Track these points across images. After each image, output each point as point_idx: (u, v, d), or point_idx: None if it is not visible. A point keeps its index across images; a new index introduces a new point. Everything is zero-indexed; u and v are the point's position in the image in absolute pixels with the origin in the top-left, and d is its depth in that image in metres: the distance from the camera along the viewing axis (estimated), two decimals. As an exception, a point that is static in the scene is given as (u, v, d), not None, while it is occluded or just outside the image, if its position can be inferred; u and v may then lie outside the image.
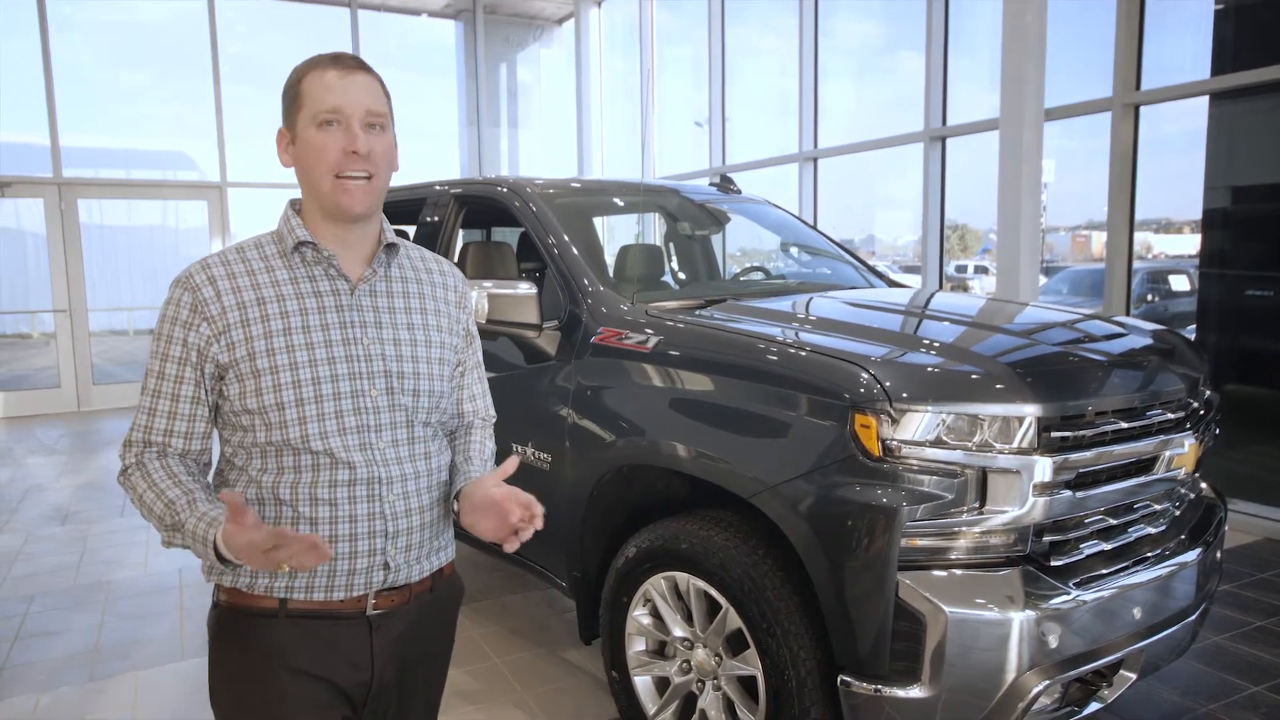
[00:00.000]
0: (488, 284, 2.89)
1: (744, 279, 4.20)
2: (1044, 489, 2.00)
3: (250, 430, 1.37)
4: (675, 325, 2.61)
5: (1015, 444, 2.00)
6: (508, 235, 4.98)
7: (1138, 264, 5.62)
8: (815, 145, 8.08)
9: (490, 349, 2.92)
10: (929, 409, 1.99)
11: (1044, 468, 1.99)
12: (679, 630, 2.45)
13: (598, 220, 4.29)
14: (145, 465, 1.38)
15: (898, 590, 1.94)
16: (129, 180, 9.70)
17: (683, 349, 2.50)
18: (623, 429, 2.59)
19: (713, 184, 4.28)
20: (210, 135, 9.57)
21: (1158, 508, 2.37)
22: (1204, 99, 5.28)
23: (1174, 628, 2.25)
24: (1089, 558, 2.15)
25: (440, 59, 11.79)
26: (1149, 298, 6.77)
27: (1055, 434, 2.03)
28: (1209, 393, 2.60)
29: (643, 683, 2.58)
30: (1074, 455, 2.05)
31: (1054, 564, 2.07)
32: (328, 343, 1.39)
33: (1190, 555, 2.32)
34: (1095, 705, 2.19)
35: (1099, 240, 6.16)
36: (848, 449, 2.01)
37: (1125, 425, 2.18)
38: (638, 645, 2.59)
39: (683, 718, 2.51)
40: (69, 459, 6.94)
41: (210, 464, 1.47)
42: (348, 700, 1.44)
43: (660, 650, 2.57)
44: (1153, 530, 2.34)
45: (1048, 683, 1.97)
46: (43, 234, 8.92)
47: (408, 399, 1.45)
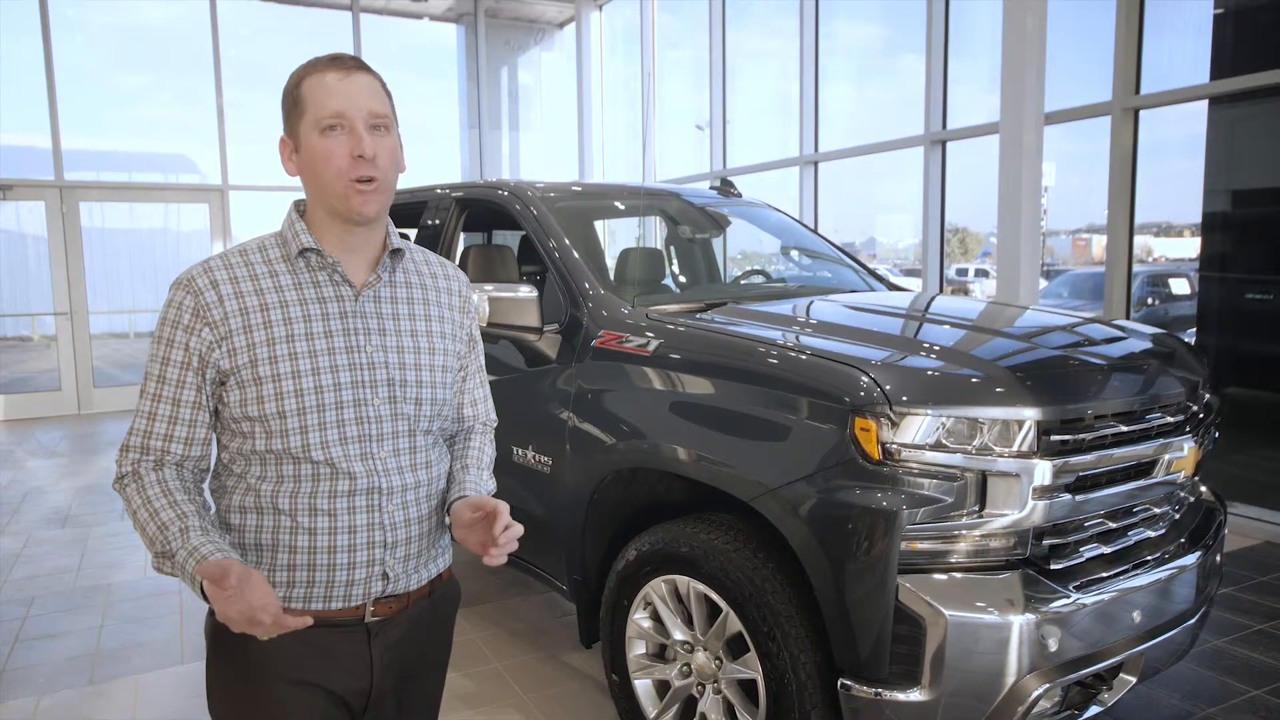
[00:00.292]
0: (489, 287, 2.89)
1: (744, 282, 4.21)
2: (1044, 492, 2.00)
3: (250, 437, 1.36)
4: (676, 329, 2.61)
5: (1015, 447, 2.00)
6: (509, 238, 4.98)
7: (1138, 267, 5.62)
8: (816, 148, 8.09)
9: (491, 352, 2.93)
10: (929, 412, 1.99)
11: (1044, 471, 1.99)
12: (679, 633, 2.45)
13: (599, 224, 4.30)
14: (141, 477, 1.35)
15: (898, 593, 1.95)
16: (130, 183, 9.71)
17: (683, 352, 2.51)
18: (623, 432, 2.59)
19: (713, 187, 4.28)
20: (212, 138, 9.58)
21: (1157, 511, 2.37)
22: (1203, 103, 5.29)
23: (1174, 631, 2.25)
24: (1089, 561, 2.15)
25: (442, 62, 11.82)
26: (1149, 301, 6.77)
27: (1055, 437, 2.04)
28: (1209, 396, 2.60)
29: (643, 686, 2.58)
30: (1074, 459, 2.05)
31: (1054, 567, 2.07)
32: (330, 350, 1.37)
33: (1190, 558, 2.32)
34: (1095, 709, 2.19)
35: (1099, 244, 6.16)
36: (848, 452, 2.01)
37: (1125, 429, 2.18)
38: (638, 648, 2.59)
39: (683, 721, 2.51)
40: (69, 462, 6.95)
41: (209, 470, 1.45)
42: (346, 708, 1.43)
43: (660, 653, 2.57)
44: (1152, 534, 2.34)
45: (1048, 686, 1.97)
46: (44, 237, 8.92)
47: (410, 408, 1.43)
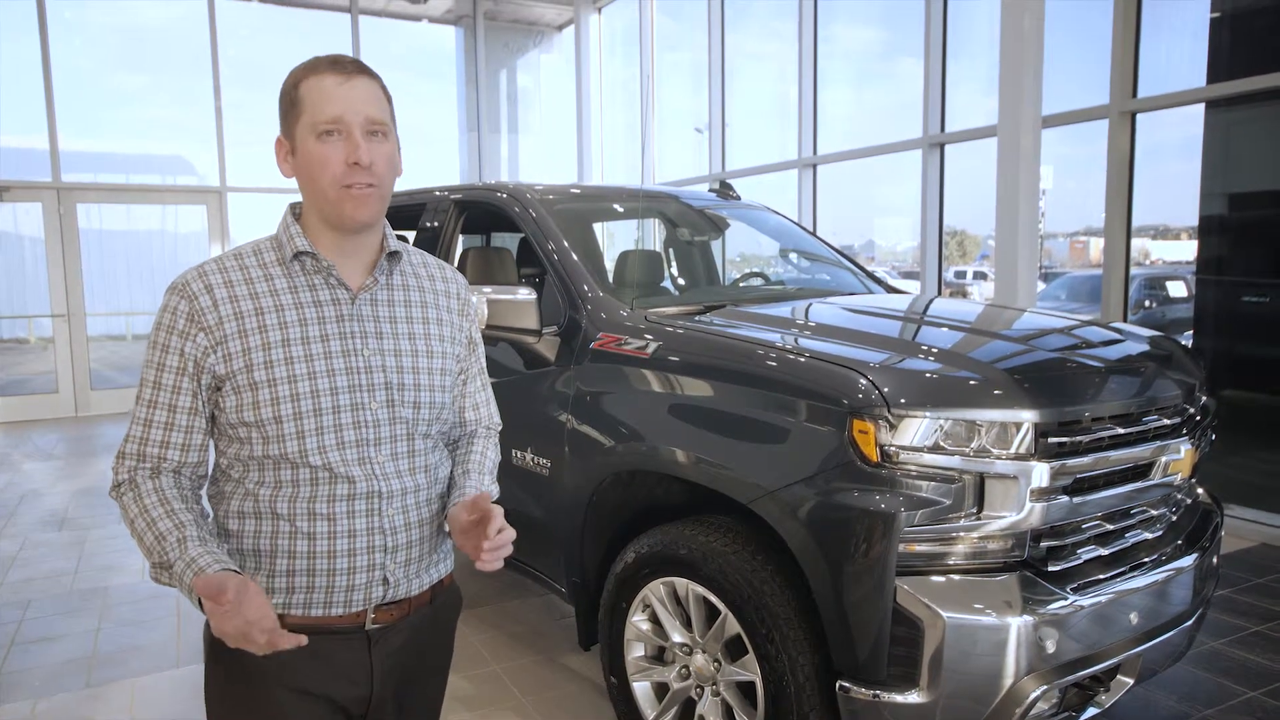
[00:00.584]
0: (487, 289, 2.89)
1: (743, 285, 4.21)
2: (1041, 494, 2.00)
3: (247, 443, 1.35)
4: (674, 331, 2.62)
5: (1013, 450, 2.01)
6: (507, 241, 4.98)
7: (1135, 270, 5.63)
8: (815, 151, 8.10)
9: (490, 354, 2.92)
10: (927, 414, 1.99)
11: (1041, 473, 2.00)
12: (678, 636, 2.45)
13: (597, 226, 4.31)
14: (138, 485, 1.33)
15: (896, 595, 1.95)
16: (128, 185, 9.71)
17: (682, 355, 2.51)
18: (622, 434, 2.59)
19: (712, 190, 4.28)
20: (210, 140, 9.57)
21: (1155, 513, 2.37)
22: (1200, 106, 5.31)
23: (1171, 633, 2.26)
24: (1086, 563, 2.16)
25: (441, 64, 11.83)
26: (1146, 304, 6.79)
27: (1052, 440, 2.04)
28: (1205, 398, 2.60)
29: (641, 688, 2.58)
30: (1071, 461, 2.06)
31: (1051, 569, 2.08)
32: (327, 354, 1.36)
33: (1187, 560, 2.33)
34: (1093, 710, 2.19)
35: (1096, 246, 6.18)
36: (846, 455, 2.01)
37: (1122, 431, 2.18)
38: (636, 651, 2.59)
39: (681, 723, 2.51)
40: (66, 464, 6.93)
41: (206, 476, 1.43)
42: (346, 715, 1.43)
43: (659, 656, 2.57)
44: (1150, 536, 2.35)
45: (1045, 688, 1.97)
46: (41, 238, 8.91)
47: (408, 411, 1.42)
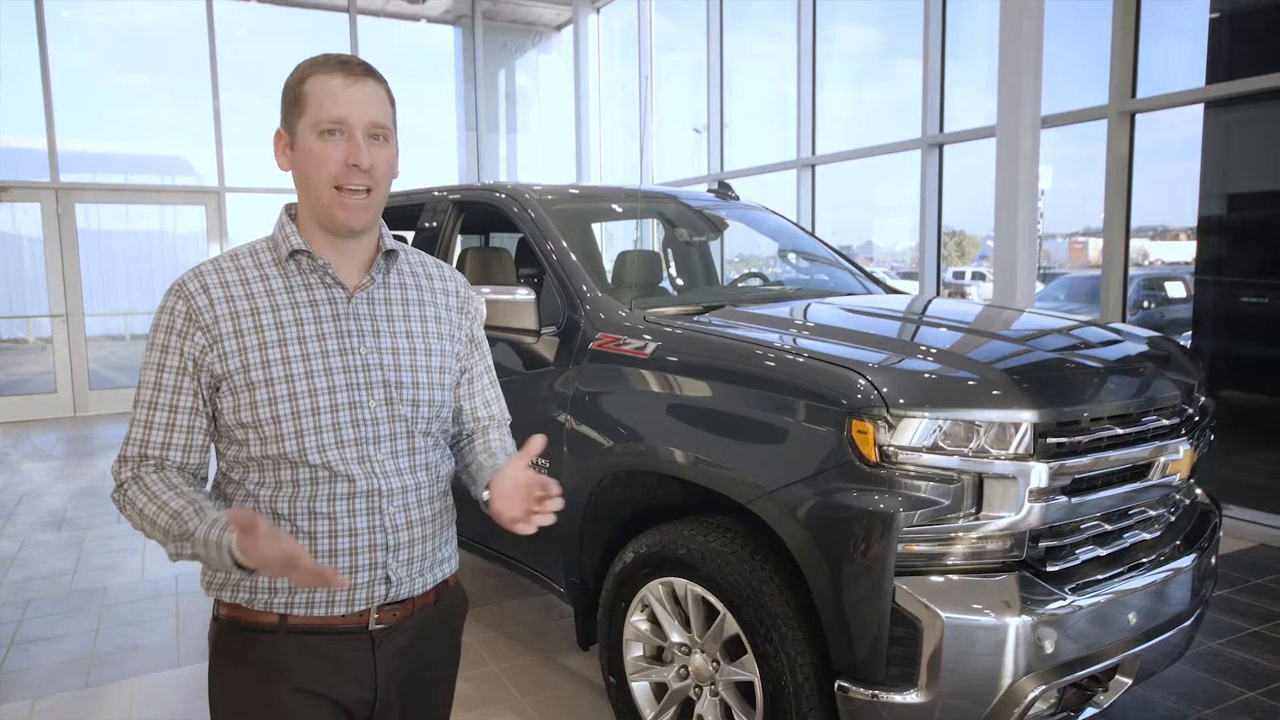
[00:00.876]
0: (486, 290, 2.90)
1: (742, 285, 4.21)
2: (1040, 495, 2.00)
3: (246, 444, 1.34)
4: (673, 331, 2.62)
5: (1011, 450, 2.01)
6: (506, 241, 4.98)
7: (1134, 270, 5.64)
8: (813, 151, 8.10)
9: (488, 354, 2.93)
10: (925, 415, 2.00)
11: (1040, 473, 2.00)
12: (676, 636, 2.46)
13: (596, 226, 4.30)
14: (142, 479, 1.32)
15: (894, 596, 1.95)
16: (127, 185, 9.70)
17: (681, 355, 2.51)
18: (621, 434, 2.59)
19: (711, 190, 4.29)
20: (208, 140, 9.57)
21: (1153, 513, 2.37)
22: (1199, 107, 5.31)
23: (1169, 633, 2.26)
24: (1085, 563, 2.16)
25: (439, 65, 11.83)
26: (1145, 304, 6.80)
27: (1051, 440, 2.04)
28: (1204, 399, 2.61)
29: (640, 688, 2.58)
30: (1070, 461, 2.06)
31: (1050, 569, 2.08)
32: (324, 353, 1.36)
33: (1185, 561, 2.33)
34: (1091, 710, 2.19)
35: (1095, 247, 6.18)
36: (845, 455, 2.01)
37: (1121, 431, 2.19)
38: (635, 651, 2.59)
39: (680, 723, 2.51)
40: (65, 464, 6.93)
41: (206, 480, 1.42)
42: (351, 718, 1.42)
43: (658, 656, 2.57)
44: (1148, 536, 2.35)
45: (1044, 688, 1.97)
46: (40, 239, 8.91)
47: (407, 409, 1.42)
